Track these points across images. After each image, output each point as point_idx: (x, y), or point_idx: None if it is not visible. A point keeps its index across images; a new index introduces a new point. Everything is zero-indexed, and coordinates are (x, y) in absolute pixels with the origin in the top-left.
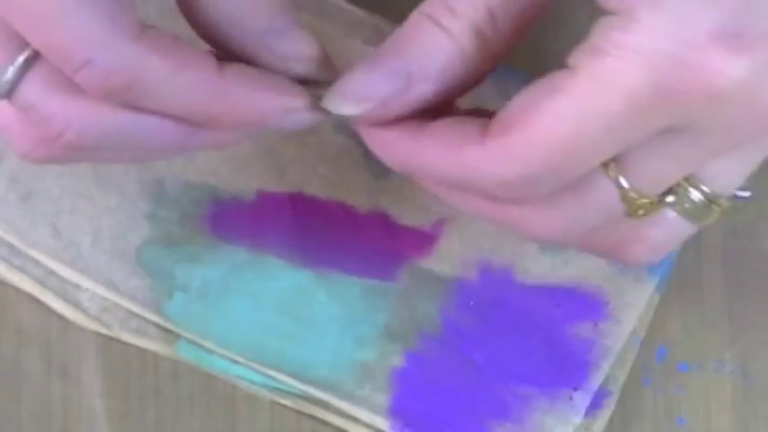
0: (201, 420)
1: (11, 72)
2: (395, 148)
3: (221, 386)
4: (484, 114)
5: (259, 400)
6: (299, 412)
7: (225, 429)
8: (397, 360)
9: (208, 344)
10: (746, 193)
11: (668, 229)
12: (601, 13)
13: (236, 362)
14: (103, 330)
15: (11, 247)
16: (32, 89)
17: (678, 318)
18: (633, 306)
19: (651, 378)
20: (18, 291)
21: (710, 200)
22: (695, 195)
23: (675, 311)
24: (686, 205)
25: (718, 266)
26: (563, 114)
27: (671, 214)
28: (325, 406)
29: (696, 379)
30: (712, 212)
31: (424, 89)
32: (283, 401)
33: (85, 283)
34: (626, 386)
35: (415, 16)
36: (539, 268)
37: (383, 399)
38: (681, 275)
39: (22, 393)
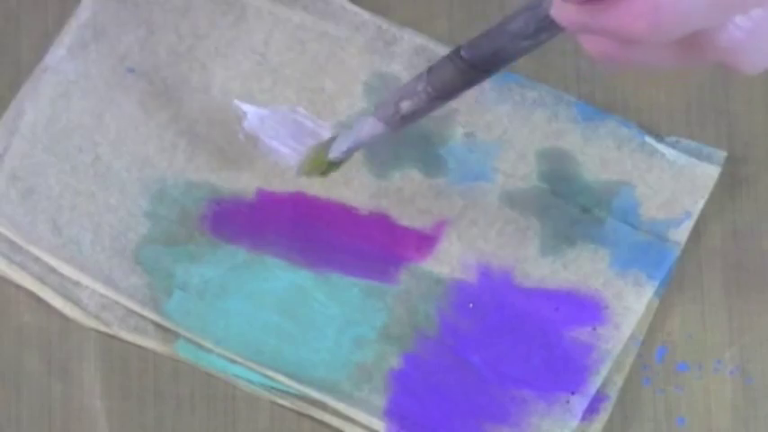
0: (201, 420)
1: None
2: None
3: (221, 386)
4: None
5: (259, 400)
6: (300, 412)
7: (225, 429)
8: (395, 362)
9: (206, 343)
10: None
11: None
12: None
13: (234, 361)
14: (102, 328)
15: (11, 244)
16: None
17: (678, 318)
18: (632, 310)
19: (651, 378)
20: (18, 291)
21: None
22: None
23: (675, 311)
24: None
25: (718, 266)
26: None
27: None
28: (323, 407)
29: (696, 379)
30: None
31: None
32: (281, 401)
33: (85, 280)
34: (626, 386)
35: None
36: (538, 272)
37: (380, 400)
38: (681, 275)
39: (22, 393)
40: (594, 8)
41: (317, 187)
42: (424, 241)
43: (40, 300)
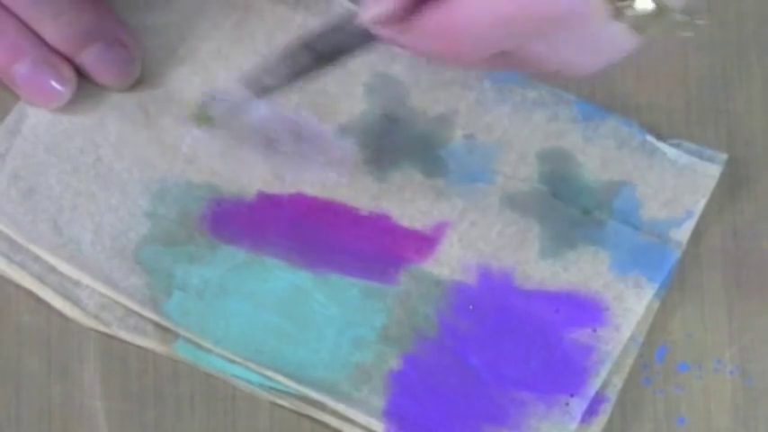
0: (201, 420)
1: None
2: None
3: (221, 386)
4: None
5: (259, 400)
6: (299, 412)
7: (225, 429)
8: (394, 363)
9: (206, 343)
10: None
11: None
12: None
13: (233, 361)
14: (101, 328)
15: (11, 243)
16: None
17: (678, 318)
18: (632, 312)
19: (651, 378)
20: (18, 291)
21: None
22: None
23: (675, 311)
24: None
25: (718, 266)
26: None
27: (614, 26)
28: (322, 407)
29: (696, 379)
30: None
31: None
32: (280, 402)
33: (85, 279)
34: (626, 386)
35: None
36: (538, 274)
37: (379, 401)
38: (681, 275)
39: (22, 393)
40: (399, 28)
41: (317, 188)
42: (424, 242)
43: (39, 300)
